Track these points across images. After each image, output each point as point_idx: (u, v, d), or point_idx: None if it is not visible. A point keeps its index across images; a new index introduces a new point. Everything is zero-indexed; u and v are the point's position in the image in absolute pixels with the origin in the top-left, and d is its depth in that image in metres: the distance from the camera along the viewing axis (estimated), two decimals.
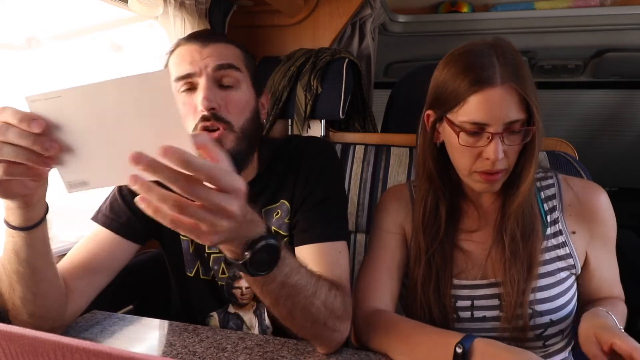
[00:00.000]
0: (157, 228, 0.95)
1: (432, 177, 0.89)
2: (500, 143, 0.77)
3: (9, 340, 0.36)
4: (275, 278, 0.63)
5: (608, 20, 1.85)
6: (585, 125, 2.74)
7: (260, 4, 1.52)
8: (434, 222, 0.89)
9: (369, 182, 1.37)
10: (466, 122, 0.78)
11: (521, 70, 0.78)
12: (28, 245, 0.68)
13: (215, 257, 0.94)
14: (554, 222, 0.87)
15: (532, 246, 0.83)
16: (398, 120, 1.55)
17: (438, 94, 0.84)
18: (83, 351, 0.34)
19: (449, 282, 0.87)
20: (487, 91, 0.76)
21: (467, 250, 0.89)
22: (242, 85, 0.85)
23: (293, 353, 0.76)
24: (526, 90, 0.76)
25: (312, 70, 1.46)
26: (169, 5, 1.25)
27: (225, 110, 0.81)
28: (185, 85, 0.82)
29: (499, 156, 0.77)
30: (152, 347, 0.81)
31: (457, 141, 0.80)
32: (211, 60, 0.81)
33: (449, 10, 1.98)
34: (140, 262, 1.00)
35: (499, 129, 0.77)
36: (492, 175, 0.80)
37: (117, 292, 0.93)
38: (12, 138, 0.54)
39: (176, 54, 0.85)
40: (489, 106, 0.76)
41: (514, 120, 0.77)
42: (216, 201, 0.50)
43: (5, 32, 1.01)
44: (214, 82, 0.81)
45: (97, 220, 0.90)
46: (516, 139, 0.79)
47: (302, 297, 0.67)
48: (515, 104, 0.76)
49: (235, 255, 0.59)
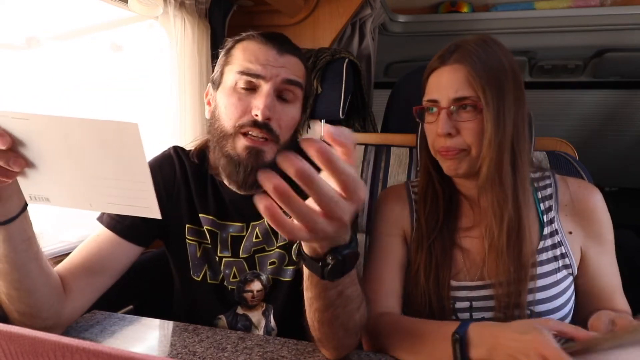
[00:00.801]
0: (162, 231, 0.95)
1: (428, 169, 0.93)
2: (447, 118, 0.82)
3: (9, 340, 0.36)
4: (338, 285, 0.61)
5: (608, 20, 1.85)
6: (585, 125, 2.74)
7: (260, 4, 1.53)
8: (434, 210, 0.91)
9: (369, 182, 1.37)
10: (425, 101, 0.86)
11: (478, 56, 0.81)
12: (4, 241, 0.67)
13: (227, 261, 0.93)
14: (550, 221, 0.87)
15: (522, 243, 0.83)
16: (398, 120, 1.55)
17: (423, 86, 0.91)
18: (83, 351, 0.34)
19: (447, 283, 0.87)
20: (438, 70, 0.84)
21: (465, 249, 0.90)
22: (297, 102, 0.87)
23: (293, 353, 0.76)
24: (476, 70, 0.80)
25: (312, 70, 1.46)
26: (169, 5, 1.25)
27: (277, 124, 0.82)
28: (247, 84, 0.82)
29: (444, 130, 0.81)
30: (152, 347, 0.81)
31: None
32: (284, 71, 0.82)
33: (449, 10, 1.98)
34: (140, 262, 1.00)
35: (446, 104, 0.82)
36: (447, 152, 0.83)
37: (117, 292, 0.93)
38: None
39: (249, 48, 0.84)
40: (438, 82, 0.84)
41: (460, 97, 0.81)
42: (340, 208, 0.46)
43: (5, 32, 1.01)
44: (276, 92, 0.83)
45: (102, 221, 0.89)
46: (466, 116, 0.82)
47: (349, 309, 0.66)
48: (462, 82, 0.81)
49: (316, 254, 0.56)
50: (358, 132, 1.64)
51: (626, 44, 2.07)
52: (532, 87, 2.52)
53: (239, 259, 0.93)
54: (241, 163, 0.83)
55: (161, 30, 1.29)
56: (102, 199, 0.58)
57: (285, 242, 0.92)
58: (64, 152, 0.56)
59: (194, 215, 0.93)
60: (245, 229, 0.93)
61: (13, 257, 0.69)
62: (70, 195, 0.59)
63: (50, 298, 0.76)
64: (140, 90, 1.39)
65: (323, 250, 0.55)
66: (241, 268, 0.93)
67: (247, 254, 0.93)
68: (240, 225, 0.93)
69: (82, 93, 1.20)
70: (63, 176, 0.58)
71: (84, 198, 0.58)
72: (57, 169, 0.58)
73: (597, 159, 2.78)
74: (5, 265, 0.69)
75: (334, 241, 0.54)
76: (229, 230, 0.93)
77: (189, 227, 0.94)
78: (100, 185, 0.57)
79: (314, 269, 0.57)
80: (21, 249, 0.69)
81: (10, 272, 0.70)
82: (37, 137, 0.57)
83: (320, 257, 0.56)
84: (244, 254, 0.93)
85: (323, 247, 0.55)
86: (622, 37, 2.00)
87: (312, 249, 0.56)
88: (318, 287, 0.62)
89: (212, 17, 1.42)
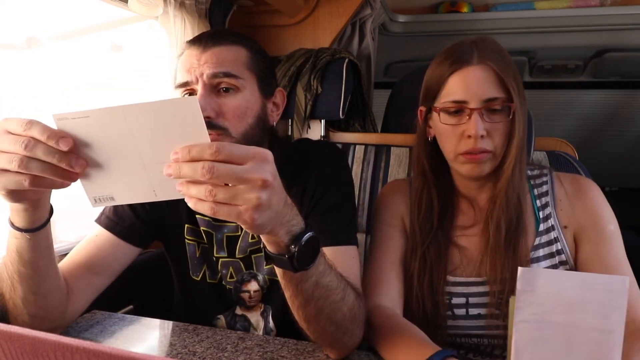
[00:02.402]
0: (161, 232, 0.95)
1: (425, 172, 0.91)
2: (480, 120, 0.79)
3: (9, 340, 0.36)
4: (312, 276, 0.63)
5: (608, 20, 1.85)
6: (585, 125, 2.73)
7: (260, 4, 1.52)
8: (429, 217, 0.90)
9: (369, 182, 1.37)
10: (447, 102, 0.82)
11: (501, 55, 0.81)
12: (32, 247, 0.68)
13: (223, 262, 0.94)
14: (546, 218, 0.87)
15: (518, 241, 0.83)
16: (398, 120, 1.55)
17: (426, 88, 0.88)
18: (83, 351, 0.34)
19: (442, 279, 0.87)
20: (464, 70, 0.81)
21: (462, 247, 0.89)
22: (244, 90, 0.82)
23: (293, 353, 0.76)
24: (504, 70, 0.79)
25: (312, 70, 1.46)
26: (169, 5, 1.25)
27: (222, 117, 0.80)
28: (186, 92, 0.82)
29: (478, 132, 0.79)
30: (152, 347, 0.81)
31: (441, 124, 0.83)
32: (207, 67, 0.80)
33: (449, 10, 1.98)
34: (140, 262, 1.00)
35: (478, 105, 0.80)
36: (477, 155, 0.81)
37: (117, 292, 0.93)
38: (40, 154, 0.54)
39: (180, 59, 0.84)
40: (466, 83, 0.80)
41: (492, 98, 0.79)
42: (240, 172, 0.50)
43: (5, 32, 1.01)
44: (211, 88, 0.80)
45: (100, 222, 0.89)
46: (497, 117, 0.81)
47: (331, 301, 0.67)
48: (492, 82, 0.79)
49: (280, 249, 0.59)
50: (358, 132, 1.63)
51: (626, 44, 2.07)
52: (532, 87, 2.51)
53: (235, 259, 0.93)
54: None
55: (161, 30, 1.29)
56: (168, 184, 0.57)
57: None
58: (126, 143, 0.56)
59: (192, 215, 0.94)
60: (240, 229, 0.93)
61: (37, 263, 0.70)
62: (134, 189, 0.58)
63: (60, 300, 0.77)
64: (140, 90, 1.38)
65: (285, 240, 0.58)
66: (238, 268, 0.93)
67: (243, 254, 0.93)
68: (235, 225, 0.93)
69: (82, 93, 1.20)
70: (126, 170, 0.57)
71: (148, 188, 0.57)
72: (120, 164, 0.57)
73: (597, 159, 2.78)
74: (29, 270, 0.70)
75: (289, 227, 0.58)
76: (224, 230, 0.93)
77: (188, 227, 0.94)
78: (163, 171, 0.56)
79: (283, 263, 0.60)
80: (45, 255, 0.70)
81: (33, 277, 0.71)
82: (98, 133, 0.56)
83: (285, 250, 0.59)
84: (240, 254, 0.93)
85: (283, 236, 0.58)
86: (622, 37, 2.00)
87: (275, 245, 0.59)
88: (293, 282, 0.63)
89: (212, 17, 1.42)
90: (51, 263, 0.73)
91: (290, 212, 0.58)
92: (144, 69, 1.37)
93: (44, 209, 0.66)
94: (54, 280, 0.75)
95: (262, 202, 0.51)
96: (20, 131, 0.54)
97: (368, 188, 1.36)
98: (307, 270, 0.61)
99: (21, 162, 0.53)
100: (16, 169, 0.54)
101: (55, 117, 0.55)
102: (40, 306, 0.74)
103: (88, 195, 0.60)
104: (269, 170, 0.51)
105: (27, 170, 0.54)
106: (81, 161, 0.56)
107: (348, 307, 0.70)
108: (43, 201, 0.65)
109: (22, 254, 0.68)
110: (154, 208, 0.92)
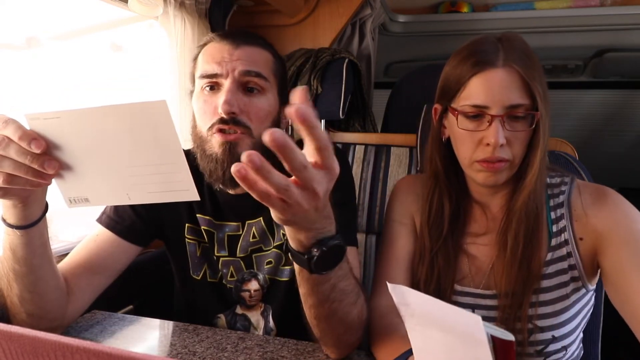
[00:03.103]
0: (162, 231, 0.95)
1: (438, 174, 0.86)
2: (501, 127, 0.74)
3: (9, 340, 0.36)
4: (330, 279, 0.62)
5: (608, 20, 1.85)
6: (585, 125, 2.73)
7: (260, 4, 1.52)
8: (439, 222, 0.86)
9: (369, 182, 1.37)
10: (466, 105, 0.76)
11: (528, 56, 0.75)
12: (24, 244, 0.68)
13: (224, 261, 0.94)
14: (560, 231, 0.81)
15: (533, 254, 0.79)
16: (398, 120, 1.55)
17: (443, 85, 0.82)
18: (83, 351, 0.34)
19: (450, 287, 0.84)
20: (487, 72, 0.74)
21: (472, 255, 0.86)
22: (267, 93, 0.84)
23: (293, 353, 0.76)
24: (530, 74, 0.73)
25: (312, 70, 1.46)
26: (169, 5, 1.25)
27: (246, 116, 0.80)
28: (210, 84, 0.82)
29: (499, 140, 0.73)
30: (152, 347, 0.81)
31: (458, 128, 0.77)
32: (240, 64, 0.80)
33: (449, 10, 1.98)
34: (140, 262, 1.00)
35: (500, 111, 0.74)
36: (494, 163, 0.76)
37: (117, 292, 0.93)
38: (12, 154, 0.55)
39: (207, 50, 0.84)
40: (489, 87, 0.74)
41: (515, 104, 0.74)
42: (313, 177, 0.47)
43: (5, 32, 1.01)
44: (239, 85, 0.81)
45: (101, 222, 0.90)
46: (519, 125, 0.75)
47: (345, 304, 0.66)
48: (517, 87, 0.73)
49: (302, 248, 0.57)
50: (358, 132, 1.64)
51: (626, 44, 2.07)
52: None
53: (236, 258, 0.93)
54: (218, 160, 0.82)
55: (161, 30, 1.29)
56: (140, 188, 0.57)
57: (281, 242, 0.92)
58: (98, 146, 0.56)
59: (193, 215, 0.94)
60: (242, 228, 0.93)
61: (31, 260, 0.70)
62: (108, 191, 0.59)
63: (59, 299, 0.77)
64: (140, 90, 1.38)
65: (308, 242, 0.56)
66: (238, 267, 0.93)
67: (244, 253, 0.93)
68: (236, 225, 0.93)
69: (82, 93, 1.20)
70: (99, 172, 0.57)
71: (121, 191, 0.58)
72: (93, 166, 0.58)
73: (597, 159, 2.78)
74: (23, 268, 0.70)
75: (318, 231, 0.56)
76: (225, 230, 0.93)
77: (188, 226, 0.94)
78: (136, 174, 0.56)
79: (301, 262, 0.58)
80: (39, 253, 0.70)
81: (27, 275, 0.71)
82: (70, 135, 0.56)
83: (306, 250, 0.57)
84: (241, 253, 0.93)
85: (308, 238, 0.56)
86: (622, 37, 2.00)
87: (298, 243, 0.57)
88: (310, 281, 0.62)
89: (212, 17, 1.42)
90: (46, 261, 0.72)
91: (325, 221, 0.56)
92: (144, 69, 1.37)
93: (37, 206, 0.66)
94: (51, 279, 0.74)
95: (301, 209, 0.50)
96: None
97: (368, 188, 1.36)
98: (325, 275, 0.60)
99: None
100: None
101: (28, 117, 0.56)
102: (38, 305, 0.74)
103: (63, 195, 0.61)
104: (326, 187, 0.50)
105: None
106: (54, 163, 0.56)
107: (358, 310, 0.70)
108: (34, 198, 0.64)
109: (15, 251, 0.68)
110: (154, 207, 0.92)
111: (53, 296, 0.75)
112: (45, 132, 0.56)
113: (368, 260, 1.34)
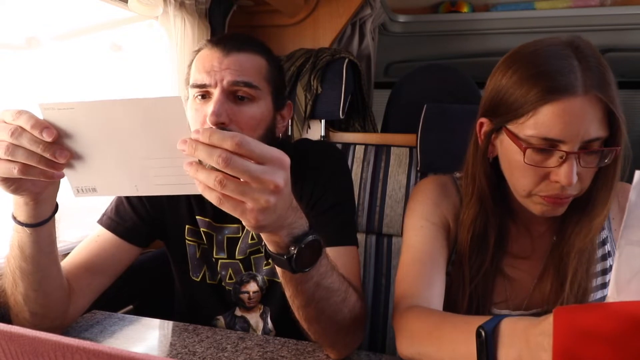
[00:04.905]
0: (162, 232, 0.95)
1: (485, 197, 0.76)
2: (576, 165, 0.64)
3: (9, 340, 0.36)
4: (312, 277, 0.62)
5: (608, 20, 1.85)
6: None
7: (260, 4, 1.52)
8: (481, 250, 0.78)
9: (369, 182, 1.37)
10: (534, 136, 0.65)
11: (607, 77, 0.65)
12: (33, 242, 0.68)
13: (222, 263, 0.94)
14: (602, 243, 0.77)
15: (589, 276, 0.73)
16: (398, 120, 1.55)
17: (498, 100, 0.70)
18: (83, 351, 0.34)
19: (488, 310, 0.79)
20: (565, 101, 0.63)
21: (512, 278, 0.79)
22: (259, 100, 0.82)
23: (293, 353, 0.76)
24: (612, 99, 0.64)
25: (312, 70, 1.46)
26: (169, 5, 1.25)
27: (237, 125, 0.79)
28: (200, 93, 0.81)
29: (572, 180, 0.64)
30: (152, 347, 0.81)
31: (521, 158, 0.67)
32: (229, 73, 0.79)
33: (449, 10, 1.98)
34: (140, 262, 1.00)
35: (575, 147, 0.64)
36: (561, 199, 0.68)
37: (117, 292, 0.93)
38: (25, 143, 0.56)
39: (199, 58, 0.83)
40: (567, 120, 0.63)
41: (594, 139, 0.64)
42: (256, 172, 0.49)
43: (5, 32, 1.01)
44: (228, 94, 0.80)
45: (102, 223, 0.90)
46: (593, 160, 0.66)
47: (333, 302, 0.67)
48: (598, 119, 0.63)
49: (280, 249, 0.58)
50: (358, 132, 1.64)
51: (626, 44, 2.07)
52: None
53: (234, 260, 0.93)
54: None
55: (161, 30, 1.29)
56: (148, 181, 0.58)
57: None
58: (109, 137, 0.57)
59: (193, 216, 0.94)
60: (241, 230, 0.93)
61: (38, 259, 0.70)
62: (116, 182, 0.59)
63: (62, 299, 0.77)
64: (140, 90, 1.38)
65: (285, 241, 0.58)
66: (237, 269, 0.94)
67: (242, 255, 0.93)
68: (236, 227, 0.93)
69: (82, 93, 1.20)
70: (109, 163, 0.58)
71: (130, 183, 0.58)
72: (103, 156, 0.58)
73: None
74: (30, 266, 0.70)
75: (291, 228, 0.57)
76: (225, 232, 0.93)
77: (188, 227, 0.94)
78: (146, 166, 0.57)
79: (282, 263, 0.59)
80: (46, 252, 0.71)
81: (34, 273, 0.71)
82: (83, 126, 0.57)
83: (285, 251, 0.58)
84: (239, 255, 0.93)
85: (283, 237, 0.57)
86: (622, 37, 2.00)
87: (275, 244, 0.59)
88: (293, 282, 0.63)
89: (212, 17, 1.42)
90: (53, 261, 0.73)
91: (294, 215, 0.57)
92: (144, 69, 1.37)
93: (47, 205, 0.67)
94: (56, 278, 0.75)
95: (269, 206, 0.51)
96: (10, 120, 0.56)
97: (368, 188, 1.36)
98: (307, 272, 0.61)
99: (7, 149, 0.56)
100: (3, 156, 0.56)
101: (42, 107, 0.57)
102: (41, 304, 0.74)
103: (71, 184, 0.61)
104: (283, 176, 0.51)
105: (13, 157, 0.56)
106: (65, 152, 0.57)
107: (349, 309, 0.69)
108: (45, 196, 0.65)
109: (24, 249, 0.69)
110: (155, 208, 0.92)
111: (57, 295, 0.76)
112: (58, 122, 0.57)
113: (368, 260, 1.34)
